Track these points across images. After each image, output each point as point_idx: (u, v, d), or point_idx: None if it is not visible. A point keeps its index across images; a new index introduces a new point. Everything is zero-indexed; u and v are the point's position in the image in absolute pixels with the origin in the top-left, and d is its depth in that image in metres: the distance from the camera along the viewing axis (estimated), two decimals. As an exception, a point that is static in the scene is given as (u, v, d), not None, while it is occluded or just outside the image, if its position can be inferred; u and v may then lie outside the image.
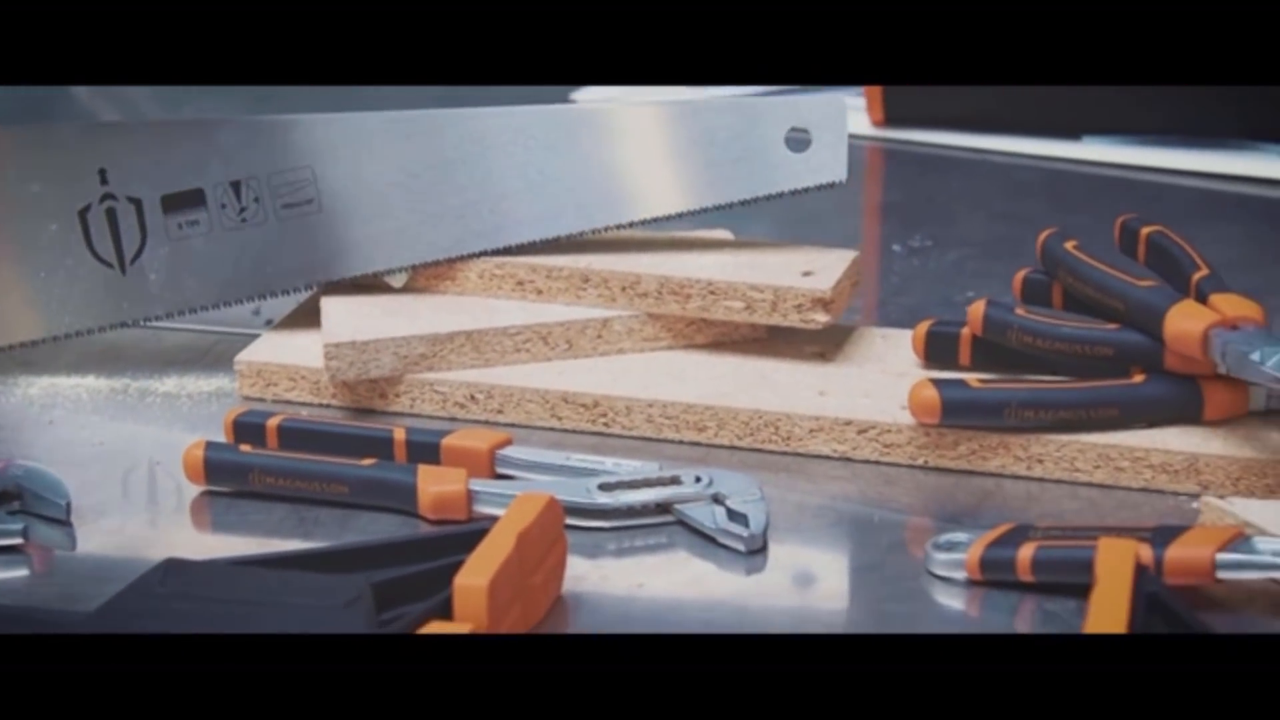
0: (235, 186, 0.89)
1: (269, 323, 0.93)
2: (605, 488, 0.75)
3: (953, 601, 0.70)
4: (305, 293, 0.92)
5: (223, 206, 0.89)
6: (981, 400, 0.78)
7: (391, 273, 0.90)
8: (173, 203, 0.88)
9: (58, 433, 0.85)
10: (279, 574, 0.64)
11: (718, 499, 0.74)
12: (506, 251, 0.89)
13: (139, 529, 0.76)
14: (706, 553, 0.73)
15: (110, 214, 0.88)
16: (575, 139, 0.89)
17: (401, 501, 0.75)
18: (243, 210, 0.89)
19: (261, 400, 0.87)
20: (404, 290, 0.90)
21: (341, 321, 0.87)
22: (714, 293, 0.85)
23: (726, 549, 0.73)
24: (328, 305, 0.89)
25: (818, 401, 0.82)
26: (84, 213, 0.88)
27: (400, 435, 0.79)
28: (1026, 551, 0.69)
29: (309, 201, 0.89)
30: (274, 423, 0.80)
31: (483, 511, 0.75)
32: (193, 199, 0.89)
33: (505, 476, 0.78)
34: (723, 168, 0.89)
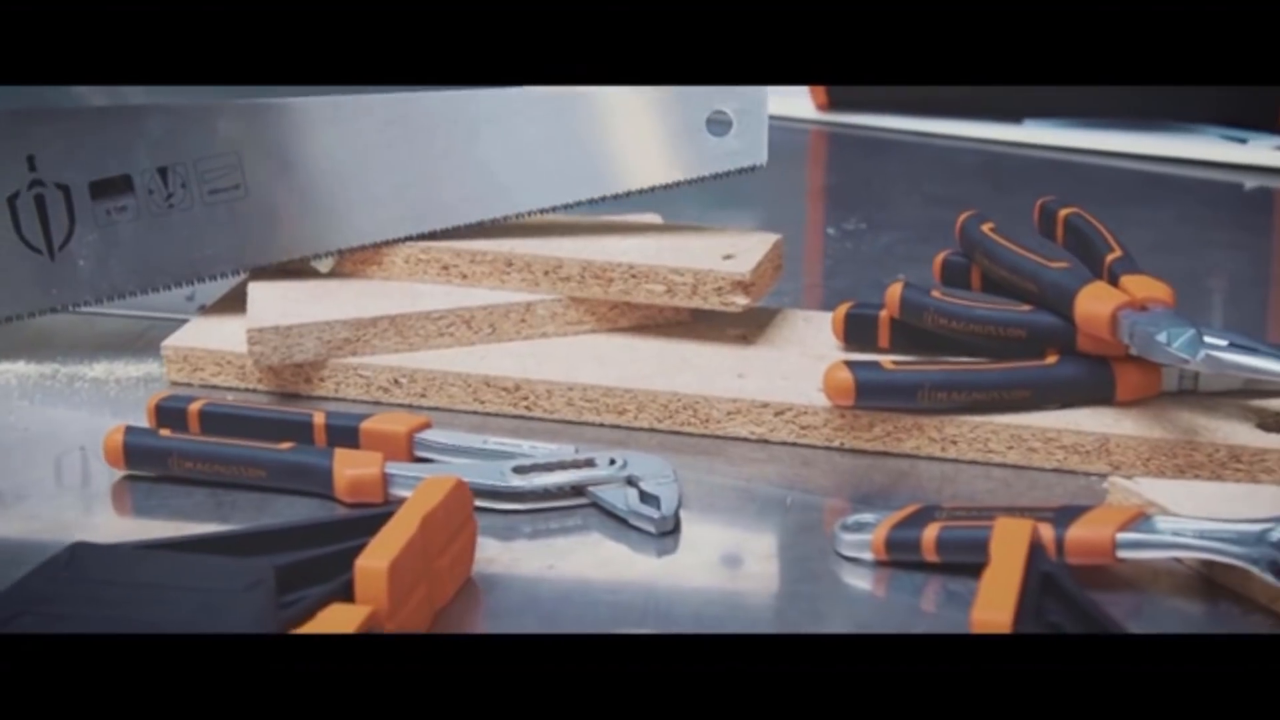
0: (162, 172, 0.89)
1: (202, 308, 0.93)
2: (520, 471, 0.75)
3: (859, 582, 0.70)
4: (235, 278, 0.92)
5: (150, 192, 0.89)
6: (895, 382, 0.79)
7: (318, 258, 0.91)
8: (101, 189, 0.89)
9: (-16, 418, 0.86)
10: (184, 558, 0.64)
11: (631, 481, 0.75)
12: (432, 236, 0.90)
13: (58, 513, 0.76)
14: (619, 535, 0.73)
15: (39, 200, 0.88)
16: (500, 124, 0.90)
17: (318, 485, 0.76)
18: (170, 196, 0.89)
19: (189, 385, 0.88)
20: (330, 275, 0.91)
21: (266, 306, 0.87)
22: (635, 276, 0.86)
23: (639, 531, 0.73)
24: (254, 290, 0.89)
25: (736, 384, 0.82)
26: (13, 200, 0.88)
27: (320, 419, 0.80)
28: (931, 532, 0.69)
29: (235, 187, 0.90)
30: (195, 407, 0.81)
31: (399, 495, 0.75)
32: (120, 185, 0.89)
33: (424, 460, 0.79)
34: (645, 152, 0.90)
